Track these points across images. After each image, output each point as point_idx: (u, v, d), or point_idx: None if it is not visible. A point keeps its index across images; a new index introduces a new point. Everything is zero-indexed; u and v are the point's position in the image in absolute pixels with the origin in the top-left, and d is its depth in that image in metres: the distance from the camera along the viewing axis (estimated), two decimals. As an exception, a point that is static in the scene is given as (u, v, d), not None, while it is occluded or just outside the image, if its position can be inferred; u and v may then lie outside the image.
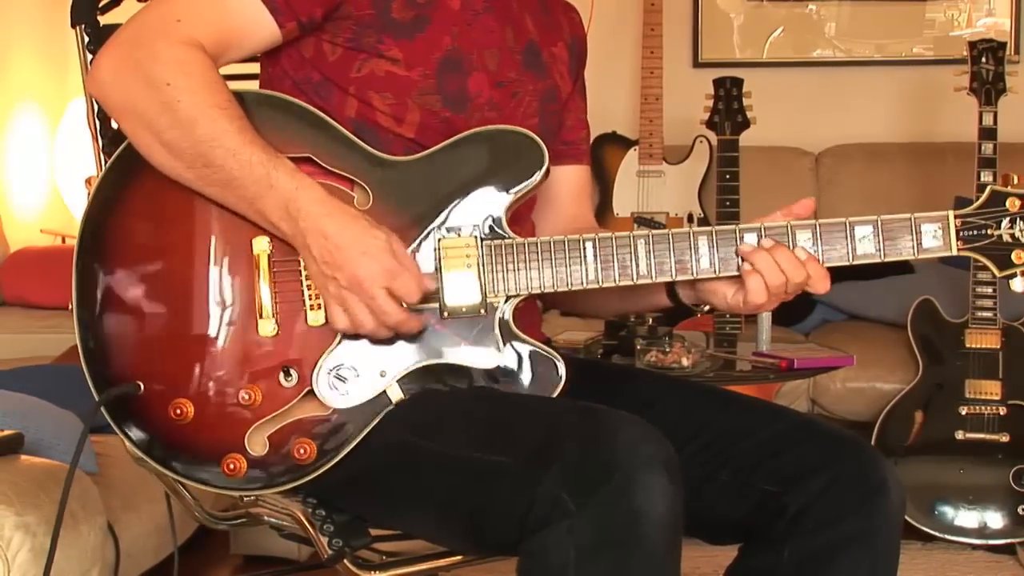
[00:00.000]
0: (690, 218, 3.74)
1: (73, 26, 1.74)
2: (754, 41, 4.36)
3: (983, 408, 3.10)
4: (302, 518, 1.52)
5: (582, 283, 1.47)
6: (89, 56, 1.73)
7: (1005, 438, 3.07)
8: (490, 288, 1.47)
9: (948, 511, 3.07)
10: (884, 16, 4.27)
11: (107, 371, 1.51)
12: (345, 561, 1.51)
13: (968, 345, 3.14)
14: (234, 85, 1.48)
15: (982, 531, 3.07)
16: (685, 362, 2.58)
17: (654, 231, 1.47)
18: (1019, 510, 3.04)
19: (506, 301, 1.47)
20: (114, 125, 1.74)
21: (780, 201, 4.59)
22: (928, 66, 4.20)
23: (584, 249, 1.46)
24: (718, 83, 3.42)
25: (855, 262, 1.46)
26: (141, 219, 1.50)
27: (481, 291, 1.46)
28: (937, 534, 3.07)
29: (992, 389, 3.11)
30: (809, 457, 1.46)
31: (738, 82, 3.40)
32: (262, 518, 1.61)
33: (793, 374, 2.81)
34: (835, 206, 4.08)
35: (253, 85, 1.59)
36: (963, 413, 3.10)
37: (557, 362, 1.48)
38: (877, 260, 1.46)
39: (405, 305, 1.43)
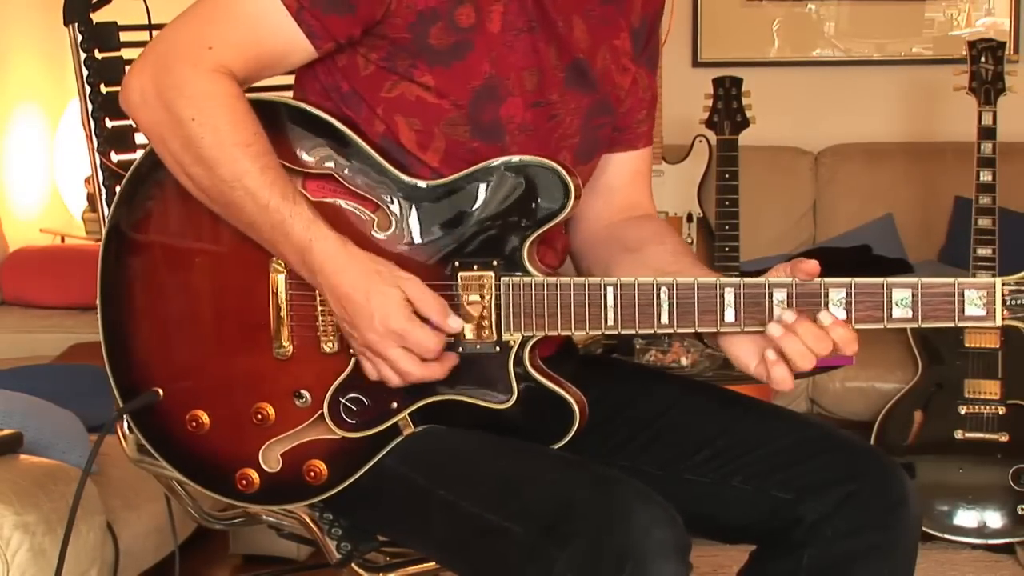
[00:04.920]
0: (689, 218, 3.74)
1: (66, 24, 1.72)
2: (753, 41, 4.36)
3: (982, 408, 3.10)
4: (309, 521, 1.53)
5: (600, 329, 1.40)
6: (83, 55, 1.72)
7: (1004, 438, 3.07)
8: (506, 326, 1.42)
9: (947, 510, 3.07)
10: (883, 16, 4.27)
11: (128, 374, 1.52)
12: (353, 564, 1.51)
13: (967, 345, 3.13)
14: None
15: (981, 531, 3.06)
16: (684, 361, 2.59)
17: (679, 279, 1.39)
18: (1018, 509, 3.04)
19: (522, 341, 1.43)
20: (109, 124, 1.74)
21: (780, 201, 4.59)
22: (927, 66, 4.19)
23: (605, 295, 1.39)
24: (717, 83, 3.42)
25: (889, 326, 1.36)
26: (164, 230, 1.49)
27: (496, 329, 1.42)
28: (936, 533, 3.06)
29: (991, 389, 3.10)
30: (827, 468, 1.45)
31: (737, 82, 3.40)
32: (260, 518, 1.61)
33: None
34: (834, 206, 4.08)
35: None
36: (962, 413, 3.10)
37: (572, 405, 1.43)
38: (914, 326, 1.36)
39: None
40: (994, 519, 3.06)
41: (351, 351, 1.44)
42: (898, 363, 3.31)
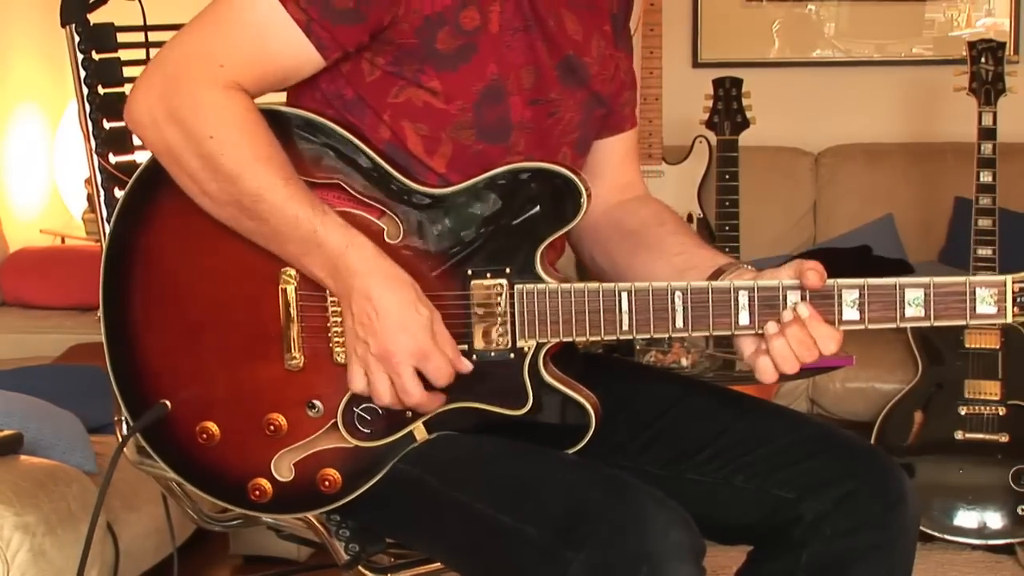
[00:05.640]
0: (689, 218, 3.74)
1: (63, 26, 1.71)
2: (753, 41, 4.36)
3: (982, 408, 3.10)
4: (316, 523, 1.52)
5: (616, 335, 1.40)
6: (80, 56, 1.71)
7: (1004, 438, 3.07)
8: (520, 333, 1.41)
9: (947, 511, 3.07)
10: (883, 16, 4.27)
11: (133, 386, 1.50)
12: (359, 566, 1.50)
13: (967, 345, 3.13)
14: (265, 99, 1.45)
15: (981, 531, 3.06)
16: (685, 362, 2.59)
17: (693, 284, 1.39)
18: (1019, 510, 3.04)
19: (537, 347, 1.42)
20: (107, 125, 1.73)
21: (780, 202, 4.58)
22: (928, 66, 4.19)
23: (620, 300, 1.39)
24: (717, 83, 3.42)
25: (902, 325, 1.38)
26: (170, 239, 1.47)
27: (511, 336, 1.41)
28: (936, 534, 3.06)
29: (991, 389, 3.10)
30: (827, 467, 1.45)
31: (737, 82, 3.40)
32: (260, 519, 1.61)
33: (792, 374, 2.81)
34: (834, 206, 4.08)
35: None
36: (962, 413, 3.10)
37: (587, 408, 1.44)
38: (926, 324, 1.38)
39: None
40: (994, 520, 3.06)
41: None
42: (898, 363, 3.31)
